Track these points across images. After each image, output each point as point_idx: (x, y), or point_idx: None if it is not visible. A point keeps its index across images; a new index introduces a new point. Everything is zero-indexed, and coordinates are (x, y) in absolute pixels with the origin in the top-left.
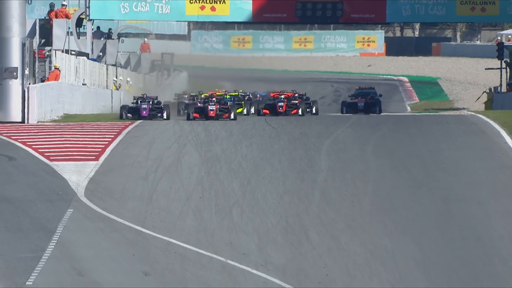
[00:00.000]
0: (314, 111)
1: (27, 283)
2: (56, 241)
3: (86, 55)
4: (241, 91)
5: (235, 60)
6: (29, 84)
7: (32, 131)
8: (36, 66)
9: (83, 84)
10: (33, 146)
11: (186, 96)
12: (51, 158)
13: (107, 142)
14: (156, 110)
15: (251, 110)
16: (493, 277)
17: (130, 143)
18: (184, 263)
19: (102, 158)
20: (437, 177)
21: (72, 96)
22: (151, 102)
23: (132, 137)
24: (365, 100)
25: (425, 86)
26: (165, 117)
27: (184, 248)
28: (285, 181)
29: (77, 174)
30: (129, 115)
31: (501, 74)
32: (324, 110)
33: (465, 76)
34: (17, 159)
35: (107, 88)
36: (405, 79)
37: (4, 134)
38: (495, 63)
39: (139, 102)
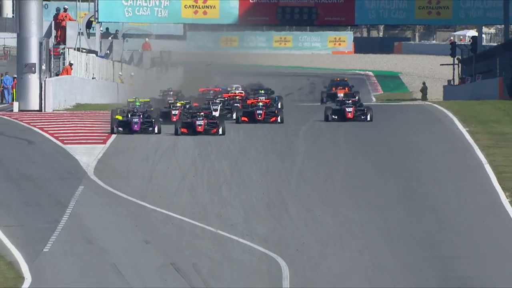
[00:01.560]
0: (279, 105)
1: (44, 250)
2: (69, 214)
3: (95, 52)
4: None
5: (224, 57)
6: (46, 77)
7: (48, 118)
8: (52, 62)
9: (92, 78)
10: (49, 132)
11: (171, 93)
12: (64, 141)
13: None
14: (147, 124)
15: (233, 116)
16: (447, 244)
17: None
18: (180, 232)
19: (109, 142)
20: (400, 159)
21: (83, 88)
22: (141, 116)
23: None
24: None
25: (388, 80)
26: (156, 131)
27: (180, 220)
28: (267, 162)
29: (87, 156)
30: (120, 129)
31: (453, 69)
32: (302, 100)
33: (423, 71)
34: (36, 143)
35: (113, 81)
36: (371, 73)
37: (24, 121)
38: (449, 59)
39: (129, 116)
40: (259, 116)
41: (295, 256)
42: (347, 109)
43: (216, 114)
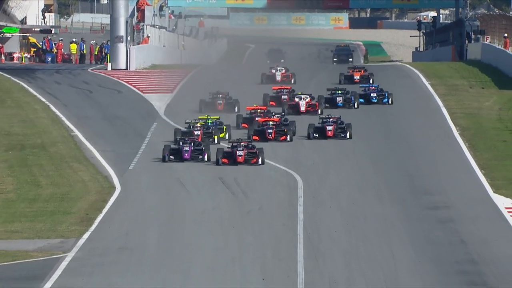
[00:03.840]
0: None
1: (129, 168)
2: (146, 143)
3: (165, 28)
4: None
5: (257, 31)
6: (130, 46)
7: (132, 75)
8: (134, 35)
9: (163, 46)
10: (133, 84)
11: (220, 95)
12: (143, 91)
13: (178, 81)
14: (197, 152)
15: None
16: (414, 163)
17: (194, 83)
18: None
19: (174, 92)
20: (373, 115)
21: (156, 53)
22: (192, 144)
23: (193, 78)
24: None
25: (373, 47)
26: (206, 159)
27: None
28: None
29: (159, 101)
30: (171, 157)
31: (419, 40)
32: (313, 60)
33: (398, 41)
34: (123, 92)
35: (178, 48)
36: (361, 43)
37: (115, 77)
38: (416, 33)
39: (180, 144)
40: (270, 135)
41: (307, 173)
42: (328, 128)
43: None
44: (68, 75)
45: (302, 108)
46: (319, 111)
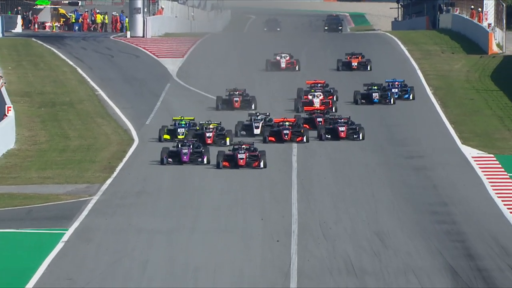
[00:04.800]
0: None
1: (146, 123)
2: (161, 101)
3: (177, 1)
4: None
5: (257, 4)
6: (147, 16)
7: (148, 41)
8: (150, 7)
9: (175, 17)
10: (149, 50)
11: (236, 92)
12: (158, 56)
13: (188, 47)
14: (196, 155)
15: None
16: (394, 119)
17: (202, 48)
18: (235, 118)
19: (185, 56)
20: (358, 75)
21: (169, 22)
22: (191, 146)
23: (205, 43)
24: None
25: (357, 18)
26: (205, 162)
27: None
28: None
29: (172, 65)
30: (170, 160)
31: (398, 11)
32: (305, 29)
33: (379, 12)
34: (140, 57)
35: (188, 19)
36: (347, 14)
37: (134, 44)
38: (395, 5)
39: (179, 146)
40: (286, 136)
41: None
42: (340, 128)
43: (258, 131)
44: (93, 42)
45: (317, 105)
46: (333, 108)
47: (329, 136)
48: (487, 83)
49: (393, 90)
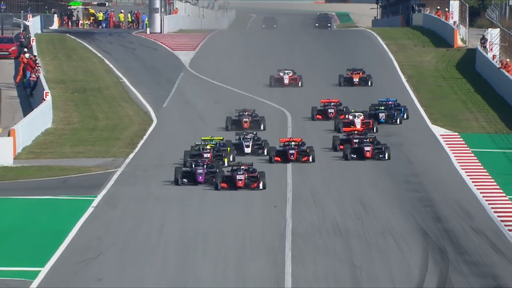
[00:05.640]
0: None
1: (163, 106)
2: (175, 87)
3: (189, 2)
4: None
5: (258, 5)
6: (163, 15)
7: (165, 37)
8: (167, 7)
9: (188, 15)
10: (165, 43)
11: (246, 113)
12: (173, 49)
13: (199, 41)
14: (210, 175)
15: (264, 152)
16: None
17: (211, 43)
18: (234, 97)
19: (196, 49)
20: (346, 58)
21: (183, 20)
22: (205, 167)
23: (213, 38)
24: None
25: (343, 17)
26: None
27: (234, 91)
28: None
29: (185, 56)
30: (184, 180)
31: (377, 11)
32: (299, 25)
33: (361, 12)
34: (158, 50)
35: (198, 17)
36: (334, 13)
37: (152, 38)
38: (375, 5)
39: (193, 166)
40: (292, 156)
41: (294, 110)
42: (366, 148)
43: (248, 150)
44: (118, 37)
45: (358, 126)
46: (374, 129)
47: (355, 156)
48: (453, 72)
49: (380, 115)
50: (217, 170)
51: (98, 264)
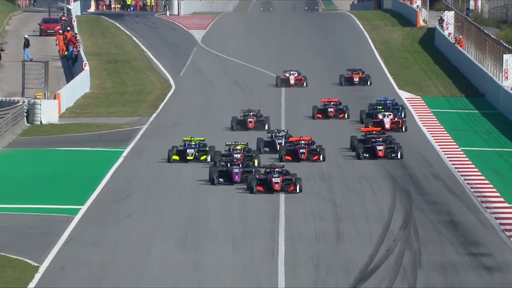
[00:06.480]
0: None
1: (180, 75)
2: (190, 59)
3: None
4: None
5: None
6: (180, 0)
7: (181, 18)
8: None
9: (200, 0)
10: (182, 23)
11: (251, 113)
12: (188, 28)
13: (209, 22)
14: (246, 174)
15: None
16: (343, 53)
17: (219, 23)
18: (238, 70)
19: (207, 28)
20: (329, 36)
21: (196, 4)
22: (241, 166)
23: (221, 19)
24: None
25: (327, 1)
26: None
27: (237, 63)
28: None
29: (198, 34)
30: (220, 180)
31: None
32: (289, 9)
33: None
34: (176, 29)
35: (209, 2)
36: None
37: (171, 19)
38: None
39: (228, 165)
40: (302, 155)
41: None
42: (378, 148)
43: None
44: (143, 18)
45: (387, 126)
46: (403, 128)
47: (367, 155)
48: (416, 47)
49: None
50: (253, 170)
51: (127, 203)
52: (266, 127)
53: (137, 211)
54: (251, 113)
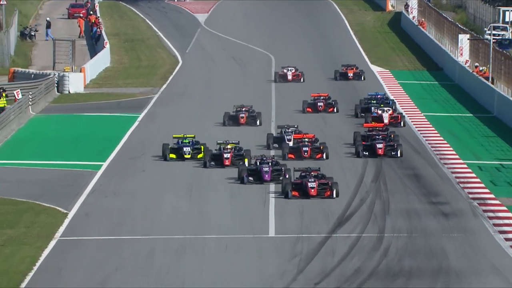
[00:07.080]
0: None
1: (186, 52)
2: (194, 39)
3: None
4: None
5: None
6: None
7: (187, 3)
8: None
9: None
10: (188, 8)
11: (243, 109)
12: (193, 12)
13: (211, 7)
14: (276, 172)
15: (290, 144)
16: (324, 34)
17: (220, 8)
18: (235, 45)
19: (209, 12)
20: (313, 16)
21: None
22: (270, 164)
23: (219, 5)
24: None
25: None
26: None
27: (234, 41)
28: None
29: (201, 17)
30: (250, 178)
31: None
32: None
33: None
34: (182, 13)
35: None
36: None
37: (179, 5)
38: None
39: (258, 164)
40: (305, 153)
41: (277, 53)
42: (378, 146)
43: (290, 144)
44: (155, 3)
45: (386, 121)
46: (402, 123)
47: (367, 153)
48: (385, 28)
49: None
50: (283, 169)
51: (142, 160)
52: (258, 122)
53: (150, 167)
54: (244, 109)
